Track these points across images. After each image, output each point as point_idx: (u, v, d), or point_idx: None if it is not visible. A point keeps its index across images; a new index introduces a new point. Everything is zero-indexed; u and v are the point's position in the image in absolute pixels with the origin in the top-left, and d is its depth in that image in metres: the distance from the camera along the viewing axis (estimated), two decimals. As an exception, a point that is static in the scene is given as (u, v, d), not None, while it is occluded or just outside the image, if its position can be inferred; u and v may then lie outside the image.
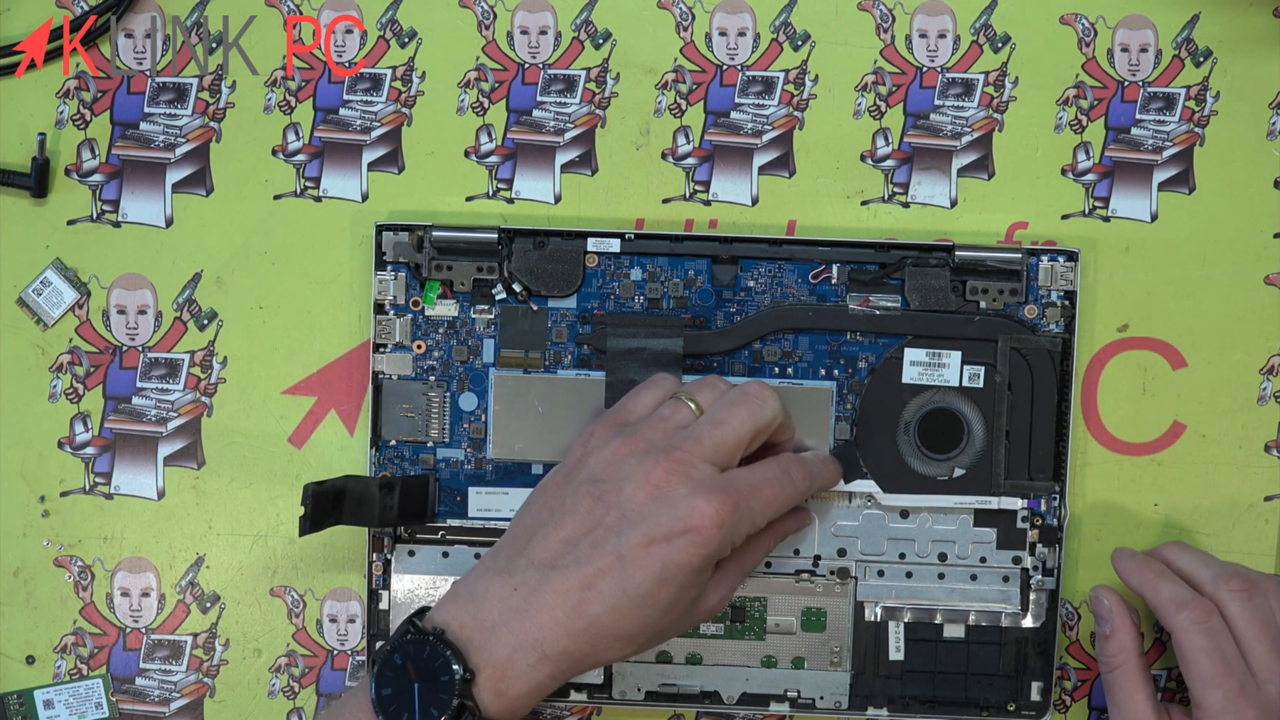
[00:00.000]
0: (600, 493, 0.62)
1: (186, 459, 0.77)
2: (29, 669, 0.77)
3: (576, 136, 0.77)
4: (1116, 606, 0.70)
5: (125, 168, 0.77)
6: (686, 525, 0.60)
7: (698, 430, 0.63)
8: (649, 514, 0.61)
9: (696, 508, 0.60)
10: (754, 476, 0.64)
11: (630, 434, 0.64)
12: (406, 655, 0.61)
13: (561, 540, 0.62)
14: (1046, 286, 0.74)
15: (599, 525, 0.62)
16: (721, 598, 0.66)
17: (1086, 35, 0.76)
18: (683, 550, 0.61)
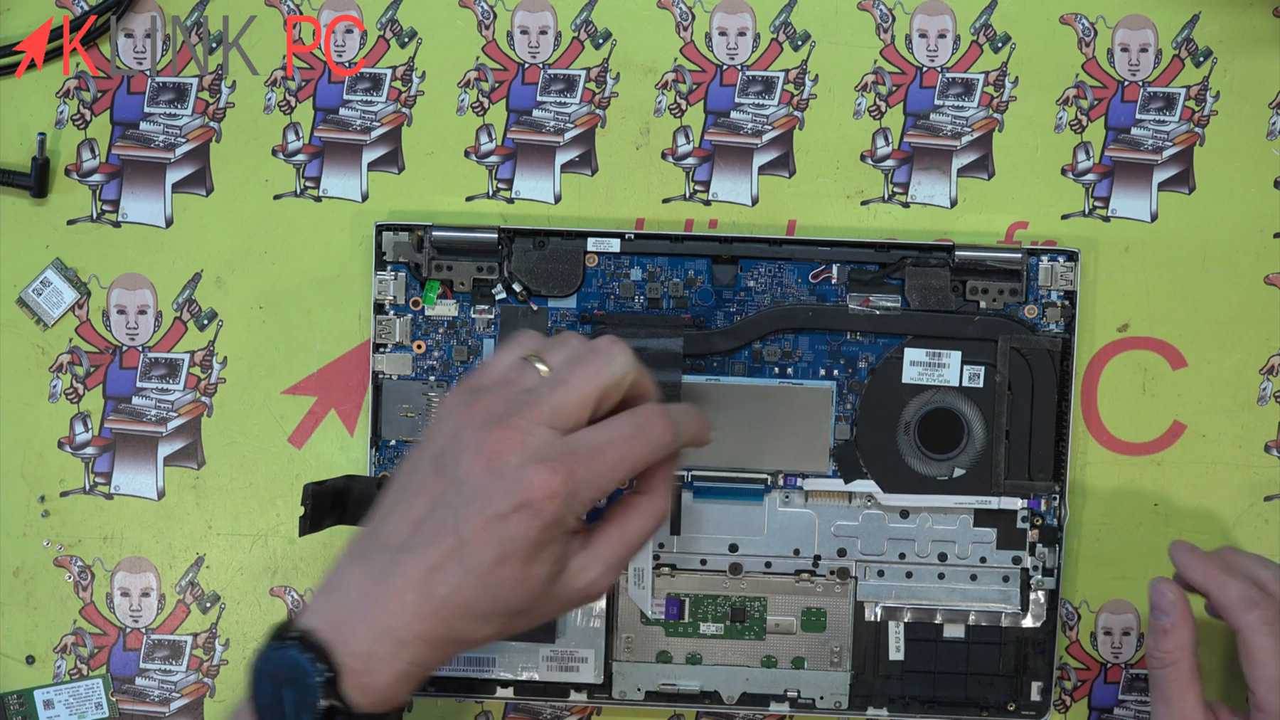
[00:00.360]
0: (441, 467, 0.58)
1: (186, 459, 0.77)
2: (29, 669, 0.77)
3: (576, 136, 0.77)
4: (1180, 601, 0.67)
5: (125, 168, 0.77)
6: (519, 499, 0.56)
7: (537, 394, 0.58)
8: (484, 489, 0.57)
9: (526, 479, 0.56)
10: (599, 436, 0.58)
11: (473, 401, 0.59)
12: (270, 664, 0.58)
13: (410, 521, 0.58)
14: (1046, 286, 0.74)
15: (440, 503, 0.58)
16: (597, 576, 0.60)
17: (1086, 35, 0.76)
18: (517, 525, 0.57)
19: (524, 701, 0.76)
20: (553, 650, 0.75)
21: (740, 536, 0.75)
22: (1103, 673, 0.76)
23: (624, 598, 0.75)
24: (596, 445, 0.58)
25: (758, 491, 0.75)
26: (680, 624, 0.75)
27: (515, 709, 0.77)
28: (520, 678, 0.75)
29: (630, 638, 0.75)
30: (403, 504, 0.59)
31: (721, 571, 0.75)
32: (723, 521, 0.75)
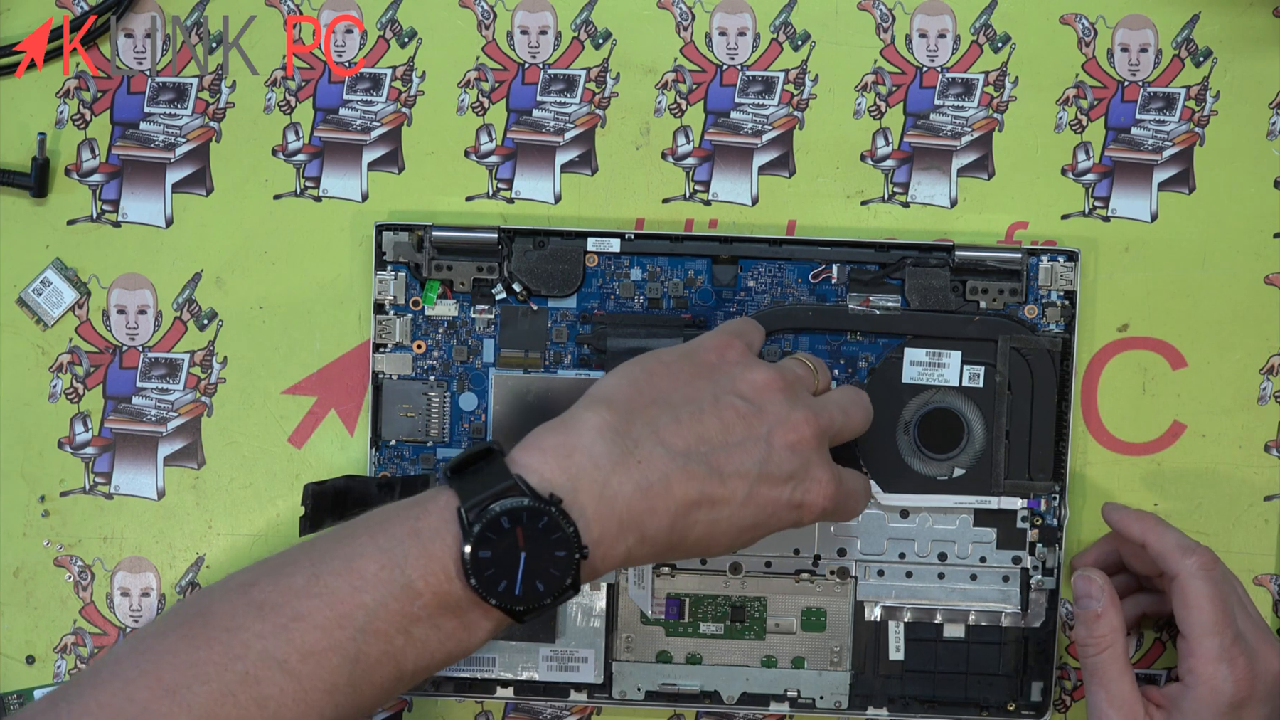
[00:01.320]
0: (748, 413, 0.60)
1: (186, 459, 0.77)
2: (29, 669, 0.77)
3: (576, 136, 0.77)
4: (1107, 586, 0.69)
5: (125, 168, 0.77)
6: (804, 499, 0.61)
7: (829, 407, 0.64)
8: (783, 468, 0.60)
9: (817, 485, 0.61)
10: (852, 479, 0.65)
11: (773, 373, 0.63)
12: (517, 521, 0.55)
13: (698, 435, 0.59)
14: (1046, 286, 0.74)
15: (739, 446, 0.60)
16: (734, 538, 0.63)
17: (1086, 35, 0.76)
18: (790, 516, 0.61)
19: (524, 701, 0.76)
20: (553, 650, 0.75)
21: (740, 536, 0.75)
22: (1103, 673, 0.76)
23: (624, 598, 0.75)
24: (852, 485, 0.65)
25: (758, 491, 0.74)
26: (680, 624, 0.75)
27: (515, 709, 0.77)
28: (520, 677, 0.75)
29: (630, 638, 0.75)
30: (686, 411, 0.60)
31: (721, 571, 0.75)
32: (723, 521, 0.75)
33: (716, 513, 0.60)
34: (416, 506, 0.57)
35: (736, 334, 0.66)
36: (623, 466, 0.58)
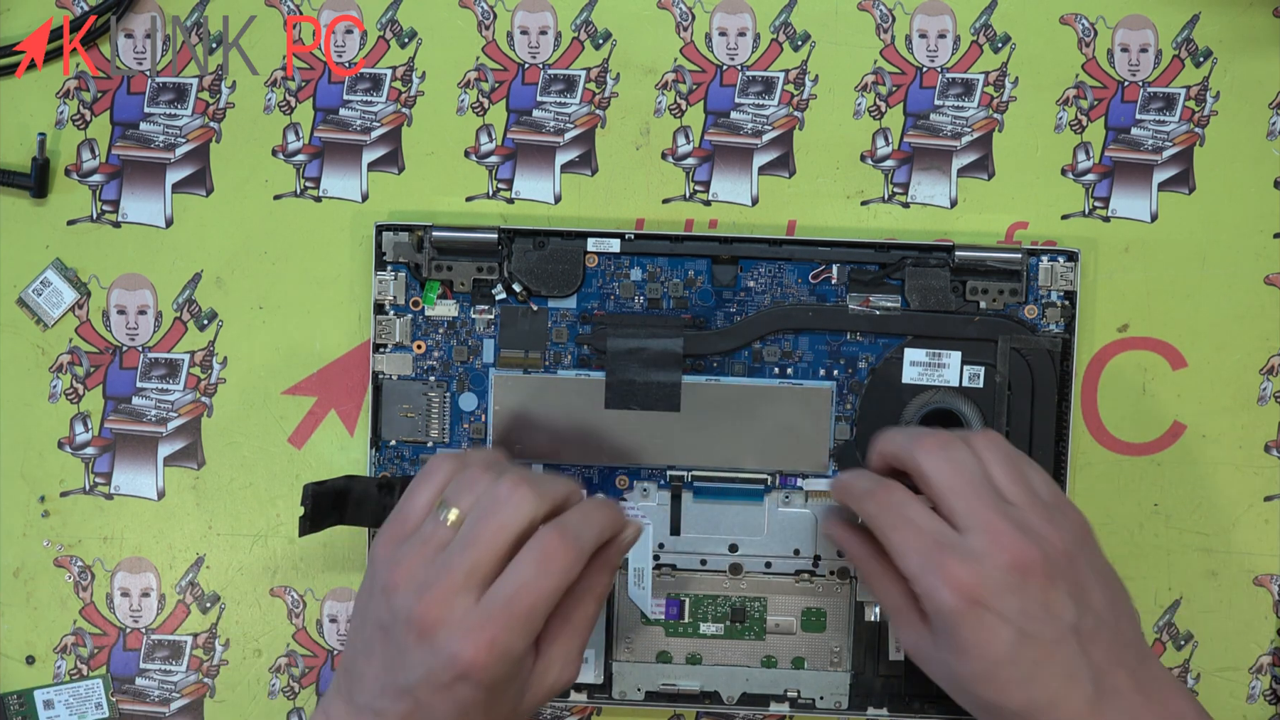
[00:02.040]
0: (386, 634, 0.61)
1: (186, 459, 0.77)
2: (29, 669, 0.77)
3: (576, 136, 0.77)
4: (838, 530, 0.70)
5: (125, 168, 0.77)
6: (455, 672, 0.59)
7: (450, 557, 0.61)
8: (423, 661, 0.60)
9: (455, 655, 0.59)
10: (508, 588, 0.60)
11: (397, 562, 0.62)
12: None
13: (374, 677, 0.62)
14: (1046, 286, 0.74)
15: (394, 665, 0.61)
16: (559, 671, 0.63)
17: (1086, 35, 0.76)
18: (464, 691, 0.60)
19: (524, 701, 0.76)
20: (553, 650, 0.75)
21: (740, 536, 0.75)
22: (1103, 673, 0.76)
23: (624, 598, 0.75)
24: (509, 599, 0.60)
25: (758, 491, 0.75)
26: (680, 624, 0.75)
27: (515, 709, 0.76)
28: (520, 678, 0.75)
29: (630, 638, 0.75)
30: (364, 658, 0.63)
31: (721, 571, 0.75)
32: (723, 521, 0.75)
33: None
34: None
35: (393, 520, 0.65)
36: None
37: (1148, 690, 0.62)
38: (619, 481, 0.75)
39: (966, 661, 0.62)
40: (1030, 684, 0.61)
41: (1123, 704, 0.61)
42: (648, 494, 0.75)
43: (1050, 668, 0.61)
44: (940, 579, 0.61)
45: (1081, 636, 0.62)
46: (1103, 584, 0.64)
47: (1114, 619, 0.63)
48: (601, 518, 0.63)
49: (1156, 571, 0.76)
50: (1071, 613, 0.62)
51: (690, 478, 0.75)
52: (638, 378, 0.73)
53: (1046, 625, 0.61)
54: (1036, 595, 0.61)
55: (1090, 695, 0.61)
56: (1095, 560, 0.65)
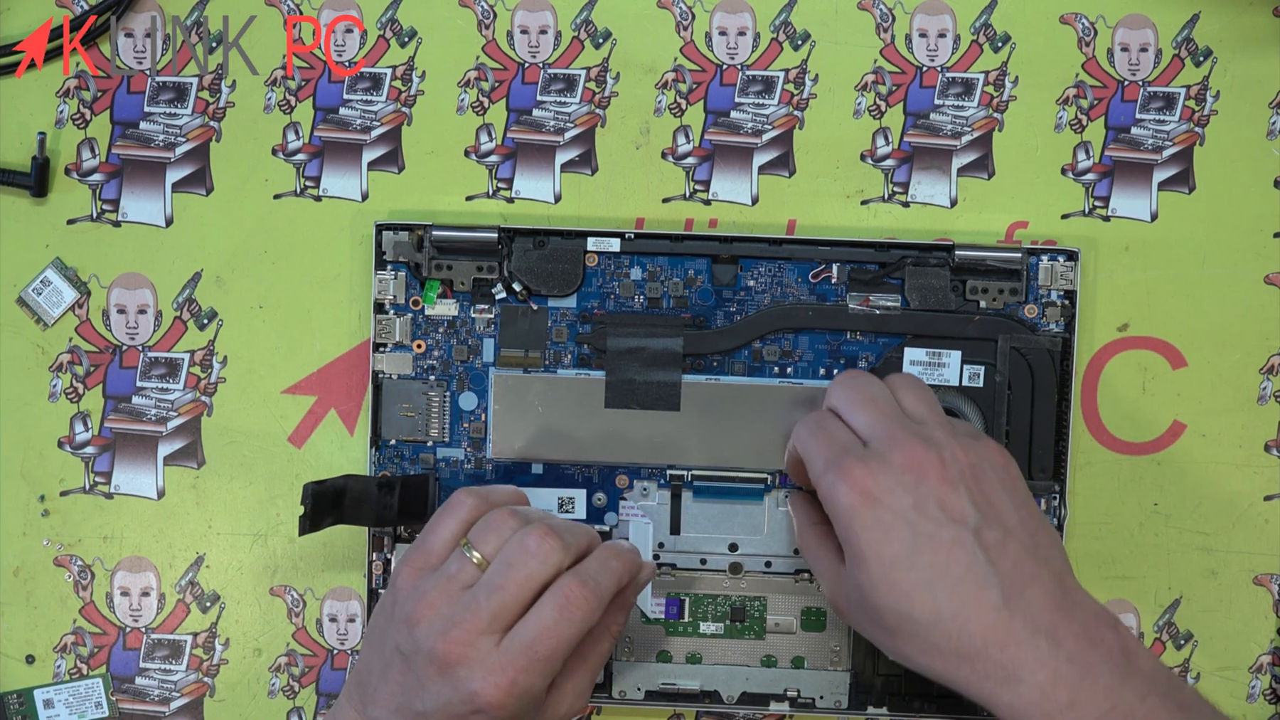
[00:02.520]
0: (405, 661, 0.63)
1: (186, 458, 0.77)
2: (29, 669, 0.77)
3: (576, 136, 0.77)
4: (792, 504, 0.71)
5: (125, 167, 0.77)
6: (473, 708, 0.61)
7: (476, 599, 0.62)
8: (442, 694, 0.62)
9: (475, 693, 0.61)
10: (529, 633, 0.62)
11: (422, 595, 0.63)
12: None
13: (389, 696, 0.63)
14: (1046, 286, 0.74)
15: (412, 691, 0.63)
16: (570, 704, 0.66)
17: (1086, 35, 0.76)
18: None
19: (524, 701, 0.76)
20: (553, 650, 0.75)
21: (740, 536, 0.75)
22: (1103, 672, 0.76)
23: (624, 597, 0.75)
24: (531, 643, 0.62)
25: (758, 491, 0.75)
26: (680, 624, 0.75)
27: (515, 709, 0.77)
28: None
29: (630, 638, 0.75)
30: (379, 676, 0.64)
31: (721, 571, 0.75)
32: (723, 521, 0.75)
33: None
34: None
35: (416, 549, 0.66)
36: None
37: (1066, 609, 0.61)
38: (619, 481, 0.75)
39: (869, 570, 0.61)
40: (933, 589, 0.60)
41: (1036, 617, 0.60)
42: (648, 494, 0.75)
43: (951, 571, 0.60)
44: (838, 476, 0.62)
45: (984, 543, 0.61)
46: (1016, 505, 0.63)
47: (1028, 539, 0.62)
48: (619, 565, 0.66)
49: (1156, 571, 0.76)
50: (971, 516, 0.61)
51: (690, 477, 0.75)
52: (638, 377, 0.73)
53: (943, 526, 0.61)
54: (932, 494, 0.62)
55: (997, 603, 0.60)
56: (1010, 485, 0.64)
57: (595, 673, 0.67)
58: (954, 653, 0.60)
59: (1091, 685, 0.59)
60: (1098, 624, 0.61)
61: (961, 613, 0.60)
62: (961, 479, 0.62)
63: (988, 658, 0.60)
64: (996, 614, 0.60)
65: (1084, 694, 0.59)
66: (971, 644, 0.60)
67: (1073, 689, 0.59)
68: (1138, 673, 0.60)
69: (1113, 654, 0.60)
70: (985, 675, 0.60)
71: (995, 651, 0.59)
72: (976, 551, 0.61)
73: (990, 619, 0.60)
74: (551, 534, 0.64)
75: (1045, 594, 0.61)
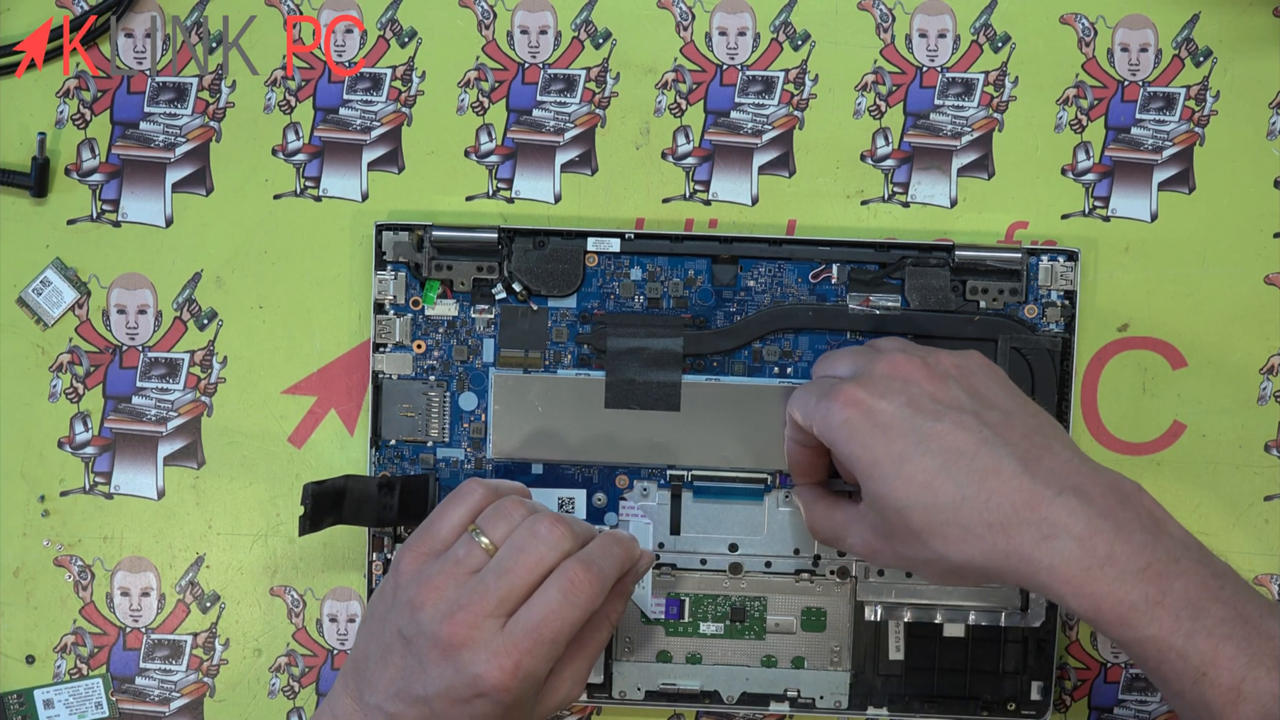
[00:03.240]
0: (407, 645, 0.63)
1: (186, 459, 0.77)
2: (29, 669, 0.77)
3: (576, 136, 0.77)
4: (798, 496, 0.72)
5: (125, 167, 0.77)
6: (477, 691, 0.62)
7: (484, 582, 0.63)
8: (445, 677, 0.62)
9: (479, 675, 0.61)
10: (534, 615, 0.62)
11: (427, 579, 0.64)
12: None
13: (388, 682, 0.64)
14: (1046, 286, 0.74)
15: (412, 675, 0.63)
16: (568, 690, 0.66)
17: (1086, 35, 0.76)
18: (481, 707, 0.62)
19: (524, 701, 0.76)
20: (553, 650, 0.75)
21: (740, 536, 0.75)
22: (1103, 672, 0.76)
23: (624, 597, 0.75)
24: (535, 626, 0.62)
25: (758, 491, 0.75)
26: (680, 624, 0.75)
27: (515, 709, 0.77)
28: (520, 677, 0.75)
29: (630, 638, 0.75)
30: (378, 659, 0.64)
31: (721, 571, 0.75)
32: (723, 521, 0.75)
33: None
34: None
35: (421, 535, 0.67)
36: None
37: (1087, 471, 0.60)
38: (619, 481, 0.75)
39: (881, 474, 0.61)
40: (950, 471, 0.60)
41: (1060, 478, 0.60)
42: (648, 494, 0.75)
43: (964, 451, 0.60)
44: (829, 401, 0.63)
45: (988, 422, 0.61)
46: (1009, 394, 0.64)
47: (1031, 420, 0.62)
48: (620, 551, 0.66)
49: (1156, 571, 0.76)
50: (968, 402, 0.62)
51: (690, 477, 0.75)
52: (638, 377, 0.73)
53: (943, 414, 0.61)
54: (924, 390, 0.63)
55: (1017, 469, 0.60)
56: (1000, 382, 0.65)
57: (594, 660, 0.67)
58: (986, 527, 0.60)
59: (1125, 540, 0.58)
60: (1122, 486, 0.61)
61: (985, 485, 0.60)
62: (949, 376, 0.64)
63: (1020, 521, 0.59)
64: (1019, 479, 0.60)
65: (1120, 548, 0.58)
66: (1001, 512, 0.59)
67: (1109, 542, 0.58)
68: (1168, 536, 0.60)
69: (1142, 514, 0.60)
70: (1021, 540, 0.59)
71: (1026, 513, 0.59)
72: (982, 430, 0.61)
73: (1014, 484, 0.60)
74: (562, 521, 0.65)
75: (1063, 460, 0.61)
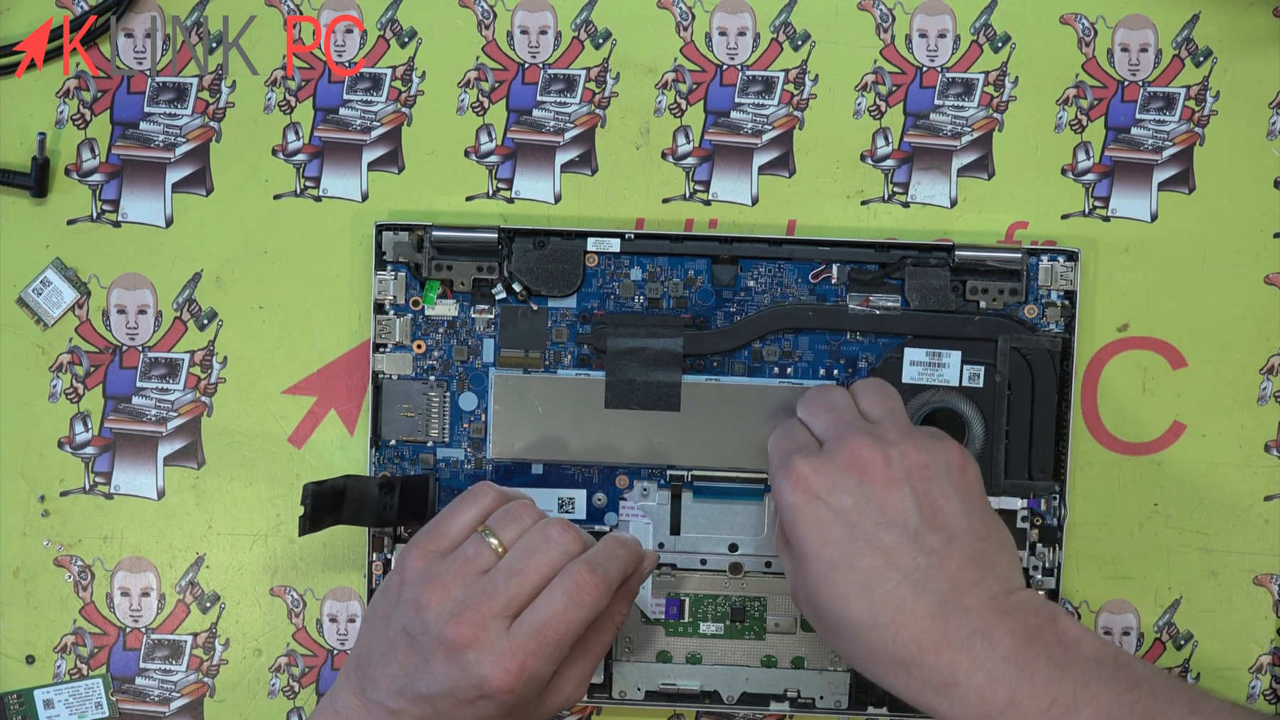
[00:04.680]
0: (411, 643, 0.63)
1: (186, 459, 0.77)
2: (29, 669, 0.77)
3: (576, 136, 0.77)
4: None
5: (125, 167, 0.77)
6: (480, 692, 0.62)
7: (493, 583, 0.63)
8: (449, 676, 0.62)
9: (484, 677, 0.61)
10: (540, 616, 0.62)
11: (434, 578, 0.64)
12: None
13: (392, 679, 0.64)
14: (1046, 286, 0.74)
15: (416, 673, 0.63)
16: (571, 691, 0.66)
17: (1086, 35, 0.76)
18: (485, 708, 0.62)
19: (524, 701, 0.76)
20: (553, 650, 0.75)
21: (740, 536, 0.75)
22: (1103, 673, 0.76)
23: (624, 598, 0.75)
24: (540, 627, 0.62)
25: (758, 491, 0.75)
26: (680, 624, 0.75)
27: (515, 709, 0.77)
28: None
29: (630, 638, 0.75)
30: (381, 655, 0.64)
31: (721, 571, 0.75)
32: (723, 521, 0.75)
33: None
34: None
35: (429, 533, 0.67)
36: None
37: (1005, 609, 0.60)
38: (619, 481, 0.75)
39: (809, 569, 0.62)
40: (869, 593, 0.60)
41: (972, 621, 0.59)
42: (648, 494, 0.75)
43: (888, 576, 0.60)
44: (784, 474, 0.63)
45: (925, 548, 0.60)
46: (966, 507, 0.62)
47: (975, 543, 0.61)
48: (625, 553, 0.66)
49: (1156, 571, 0.76)
50: (913, 519, 0.61)
51: (690, 478, 0.75)
52: (638, 377, 0.73)
53: (882, 529, 0.61)
54: (874, 495, 0.61)
55: (933, 609, 0.59)
56: (963, 486, 0.63)
57: (597, 662, 0.67)
58: (891, 659, 0.60)
59: (1029, 681, 0.58)
60: (1037, 618, 0.60)
61: (896, 619, 0.60)
62: (908, 479, 0.62)
63: (923, 664, 0.59)
64: (931, 620, 0.59)
65: (1022, 690, 0.58)
66: (906, 651, 0.60)
67: (1010, 687, 0.58)
68: (1079, 660, 0.59)
69: (1051, 646, 0.59)
70: (923, 682, 0.60)
71: (930, 658, 0.59)
72: (916, 557, 0.60)
73: (924, 625, 0.59)
74: (572, 526, 0.65)
75: (986, 597, 0.60)
